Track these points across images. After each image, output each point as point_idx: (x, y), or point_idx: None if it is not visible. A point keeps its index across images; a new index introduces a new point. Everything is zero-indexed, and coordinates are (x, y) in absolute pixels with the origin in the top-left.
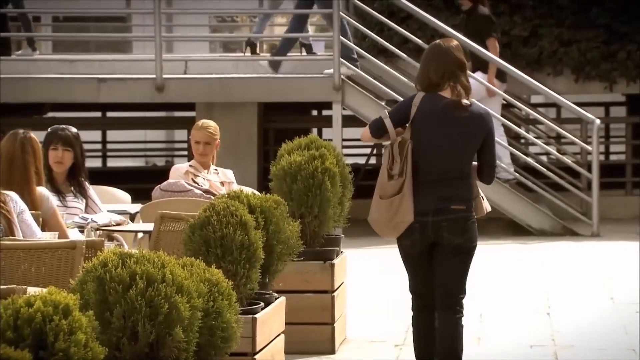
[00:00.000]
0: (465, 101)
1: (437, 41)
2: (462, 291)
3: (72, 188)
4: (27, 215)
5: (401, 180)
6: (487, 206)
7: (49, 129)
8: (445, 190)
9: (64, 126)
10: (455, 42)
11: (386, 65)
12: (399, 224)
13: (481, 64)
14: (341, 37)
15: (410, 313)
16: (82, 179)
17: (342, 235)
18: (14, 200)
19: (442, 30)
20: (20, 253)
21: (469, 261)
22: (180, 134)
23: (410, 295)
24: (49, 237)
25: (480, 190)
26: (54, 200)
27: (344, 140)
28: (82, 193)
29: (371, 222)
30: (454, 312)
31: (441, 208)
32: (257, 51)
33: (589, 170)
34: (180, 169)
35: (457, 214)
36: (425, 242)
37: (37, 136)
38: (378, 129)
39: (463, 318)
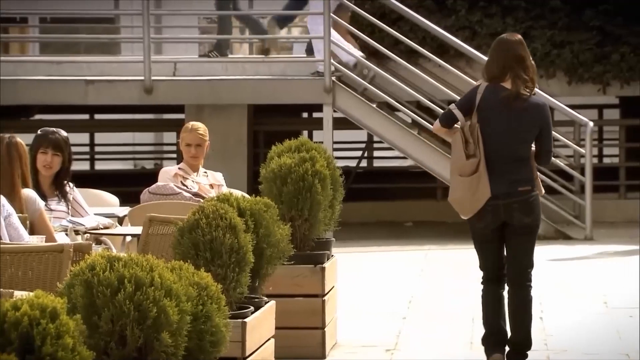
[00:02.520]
0: (524, 92)
1: (502, 35)
2: (531, 265)
3: (57, 192)
4: (15, 218)
5: (476, 161)
6: (541, 188)
7: (38, 132)
8: (512, 174)
9: (54, 129)
10: (517, 37)
11: (377, 67)
12: (478, 200)
13: None
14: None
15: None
16: (66, 183)
17: (333, 239)
18: (2, 204)
19: (433, 32)
20: (7, 257)
21: (536, 237)
22: (169, 137)
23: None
24: (36, 241)
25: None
26: (41, 202)
27: (334, 142)
28: (66, 197)
29: (453, 201)
30: (525, 286)
31: (511, 191)
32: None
33: (582, 173)
34: (169, 171)
35: (525, 195)
36: (497, 223)
37: (25, 139)
38: (448, 118)
39: (532, 290)
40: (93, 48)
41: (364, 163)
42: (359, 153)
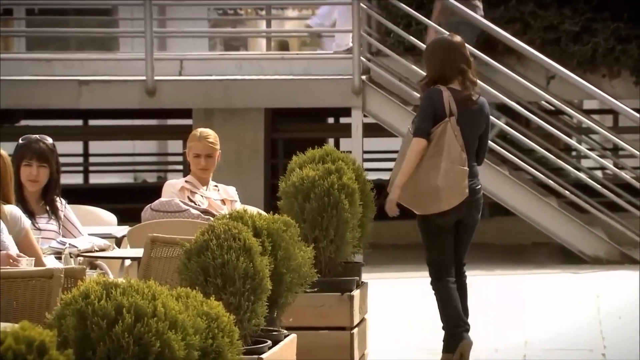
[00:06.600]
0: (474, 95)
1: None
2: (465, 256)
3: (46, 208)
4: (4, 235)
5: (465, 157)
6: None
7: (20, 140)
8: (471, 173)
9: (38, 137)
10: (452, 41)
11: (414, 65)
12: (460, 195)
13: None
14: None
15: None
16: (56, 198)
17: (363, 263)
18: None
19: (479, 25)
20: None
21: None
22: (175, 145)
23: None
24: (24, 264)
25: None
26: (26, 221)
27: (365, 152)
28: (56, 214)
29: (440, 188)
30: (463, 275)
31: (475, 189)
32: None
33: None
34: (174, 185)
35: (480, 194)
36: (456, 218)
37: (7, 148)
38: (425, 132)
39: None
40: (87, 44)
41: None
42: (392, 164)
